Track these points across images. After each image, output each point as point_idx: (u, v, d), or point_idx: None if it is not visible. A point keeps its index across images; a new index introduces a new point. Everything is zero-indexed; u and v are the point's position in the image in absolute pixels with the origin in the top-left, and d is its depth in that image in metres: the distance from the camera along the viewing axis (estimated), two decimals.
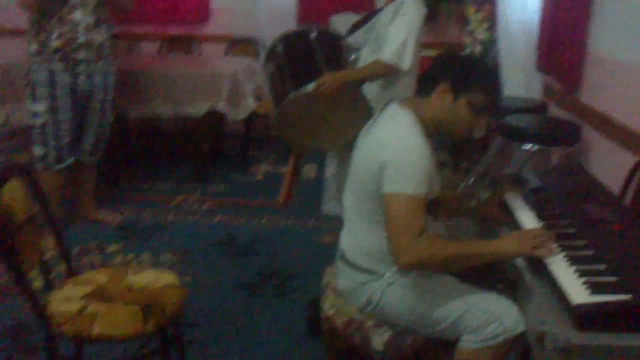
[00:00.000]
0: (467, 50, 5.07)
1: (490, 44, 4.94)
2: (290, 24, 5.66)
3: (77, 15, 3.43)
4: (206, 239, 3.75)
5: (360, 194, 2.02)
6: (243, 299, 3.11)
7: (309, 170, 5.12)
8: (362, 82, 3.20)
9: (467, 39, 5.17)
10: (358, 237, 2.06)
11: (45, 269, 2.05)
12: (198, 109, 4.39)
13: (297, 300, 3.09)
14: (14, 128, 4.57)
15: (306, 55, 3.11)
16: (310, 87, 2.99)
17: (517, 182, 2.43)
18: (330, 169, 5.17)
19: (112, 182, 4.53)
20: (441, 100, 1.95)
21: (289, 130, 3.15)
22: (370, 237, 2.00)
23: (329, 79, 3.00)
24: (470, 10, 5.13)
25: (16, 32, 5.58)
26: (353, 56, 3.32)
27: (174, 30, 5.76)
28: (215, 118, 4.92)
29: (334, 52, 3.19)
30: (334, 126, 3.17)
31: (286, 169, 5.13)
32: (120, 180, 4.62)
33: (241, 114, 4.42)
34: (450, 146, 4.56)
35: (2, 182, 1.84)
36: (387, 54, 3.07)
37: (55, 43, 3.42)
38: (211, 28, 5.82)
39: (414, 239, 1.79)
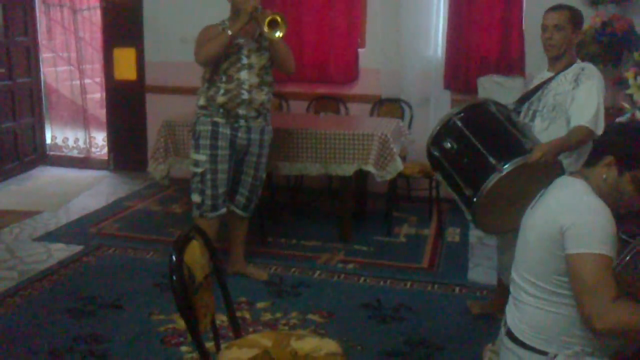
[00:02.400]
0: (627, 115, 4.82)
1: None
2: (436, 86, 5.68)
3: (244, 74, 3.67)
4: (352, 301, 3.73)
5: (534, 265, 1.97)
6: None
7: (452, 234, 5.01)
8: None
9: (625, 104, 4.92)
10: (528, 311, 1.98)
11: (215, 329, 2.10)
12: (347, 168, 4.45)
13: None
14: (172, 179, 4.83)
15: (493, 127, 2.87)
16: (517, 161, 2.68)
17: None
18: (475, 233, 5.05)
19: (259, 237, 4.64)
20: (606, 173, 1.94)
21: (488, 213, 2.80)
22: (542, 312, 1.93)
23: (547, 149, 2.72)
24: (629, 73, 4.90)
25: (181, 90, 6.03)
26: None
27: (323, 89, 5.92)
28: (360, 177, 4.96)
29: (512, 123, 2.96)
30: (528, 199, 2.95)
31: (428, 231, 5.05)
32: (267, 236, 4.74)
33: (389, 175, 4.41)
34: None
35: (185, 244, 1.92)
36: (586, 119, 2.90)
37: (221, 99, 3.67)
38: (359, 88, 5.92)
39: (611, 301, 1.73)
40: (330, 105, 5.89)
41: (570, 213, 1.86)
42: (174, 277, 1.79)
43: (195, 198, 3.80)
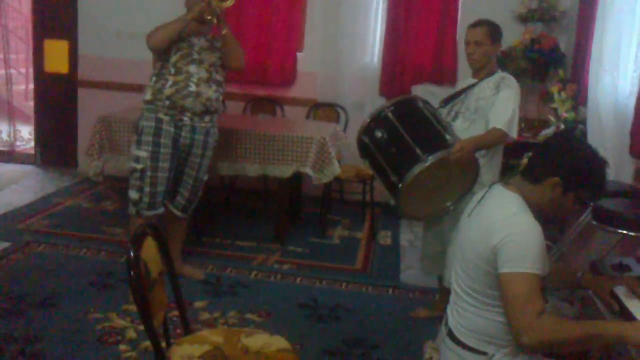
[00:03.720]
0: (552, 128, 5.09)
1: (573, 123, 4.96)
2: (372, 92, 5.82)
3: (192, 68, 3.67)
4: (289, 301, 3.78)
5: (470, 276, 2.04)
6: None
7: (384, 237, 5.14)
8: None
9: (550, 117, 5.20)
10: (467, 317, 2.07)
11: (167, 325, 2.11)
12: (285, 170, 4.50)
13: None
14: (105, 176, 4.74)
15: (420, 121, 3.15)
16: (440, 154, 2.99)
17: (620, 268, 2.42)
18: (405, 237, 5.21)
19: (194, 237, 4.62)
20: (550, 192, 2.00)
21: (410, 199, 3.14)
22: (480, 319, 2.02)
23: (466, 144, 3.04)
24: (554, 88, 5.17)
25: (116, 86, 5.92)
26: None
27: (260, 91, 5.95)
28: (296, 179, 5.02)
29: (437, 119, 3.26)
30: (446, 190, 3.23)
31: (361, 234, 5.16)
32: (202, 235, 4.72)
33: (327, 178, 4.49)
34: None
35: (141, 240, 1.92)
36: (502, 123, 3.17)
37: (168, 91, 3.64)
38: (296, 91, 5.98)
39: (537, 317, 1.82)
40: (267, 107, 5.92)
41: (501, 232, 1.91)
42: (132, 273, 1.79)
43: (133, 195, 3.73)
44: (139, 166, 3.69)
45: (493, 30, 3.34)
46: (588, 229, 4.12)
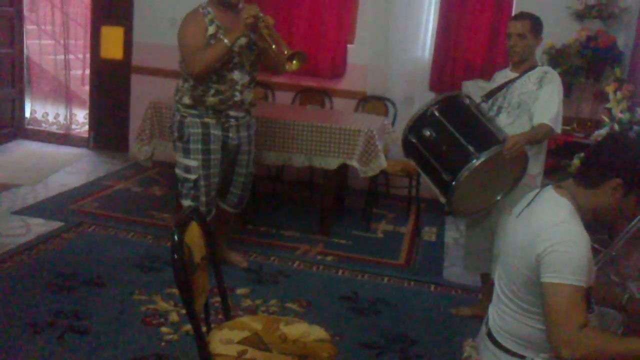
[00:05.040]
0: (605, 128, 4.95)
1: (629, 124, 4.82)
2: (421, 87, 5.76)
3: (236, 75, 3.55)
4: (330, 293, 3.80)
5: (514, 280, 2.01)
6: (367, 359, 3.11)
7: (428, 233, 5.10)
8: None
9: (604, 117, 5.06)
10: (507, 320, 2.04)
11: (208, 310, 2.14)
12: (331, 162, 4.51)
13: None
14: (154, 162, 4.83)
15: (468, 118, 3.13)
16: (493, 150, 2.97)
17: None
18: (450, 234, 5.16)
19: (240, 225, 4.67)
20: (611, 196, 1.93)
21: (461, 196, 3.08)
22: (519, 324, 2.00)
23: (519, 140, 3.01)
24: (610, 88, 5.03)
25: (167, 73, 6.01)
26: None
27: (310, 82, 5.96)
28: (341, 171, 5.02)
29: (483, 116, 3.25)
30: (495, 184, 3.20)
31: (406, 229, 5.13)
32: (247, 223, 4.77)
33: (372, 171, 4.48)
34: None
35: (186, 225, 1.96)
36: (548, 118, 3.14)
37: (211, 99, 3.52)
38: (345, 83, 5.98)
39: (578, 331, 1.78)
40: (316, 98, 5.93)
41: (547, 241, 1.86)
42: (176, 256, 1.82)
43: (188, 204, 3.62)
44: (192, 177, 3.59)
45: (536, 23, 3.31)
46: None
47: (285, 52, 3.35)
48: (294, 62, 3.38)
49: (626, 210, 1.97)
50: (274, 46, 3.41)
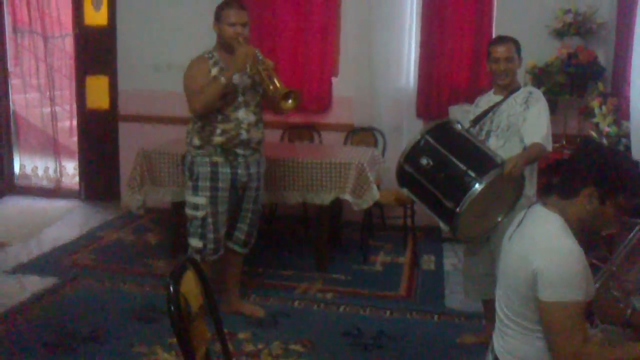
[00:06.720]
0: None
1: (617, 138, 4.83)
2: (409, 115, 5.78)
3: (241, 114, 3.59)
4: (333, 330, 3.74)
5: (512, 300, 2.01)
6: None
7: (427, 262, 5.07)
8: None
9: (592, 132, 5.08)
10: (510, 342, 2.03)
11: (210, 358, 2.10)
12: (325, 197, 4.49)
13: None
14: (147, 209, 4.80)
15: (463, 143, 3.12)
16: (493, 173, 2.92)
17: None
18: (449, 261, 5.12)
19: None
20: (588, 204, 1.95)
21: (465, 221, 3.02)
22: (524, 345, 1.99)
23: (519, 161, 2.97)
24: (595, 103, 5.06)
25: (155, 119, 6.02)
26: None
27: (297, 118, 5.96)
28: (336, 205, 5.00)
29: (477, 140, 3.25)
30: (496, 206, 3.15)
31: (404, 259, 5.09)
32: (244, 265, 4.71)
33: (366, 203, 4.46)
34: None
35: (181, 275, 1.92)
36: (539, 137, 3.15)
37: (217, 139, 3.56)
38: (332, 116, 5.99)
39: (580, 346, 1.78)
40: (304, 133, 5.94)
41: (540, 256, 1.87)
42: (172, 307, 1.79)
43: (196, 243, 3.64)
44: (200, 214, 3.60)
45: (518, 46, 3.38)
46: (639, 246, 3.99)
47: (279, 90, 3.39)
48: (290, 101, 3.43)
49: (606, 219, 1.97)
50: (271, 86, 3.44)
